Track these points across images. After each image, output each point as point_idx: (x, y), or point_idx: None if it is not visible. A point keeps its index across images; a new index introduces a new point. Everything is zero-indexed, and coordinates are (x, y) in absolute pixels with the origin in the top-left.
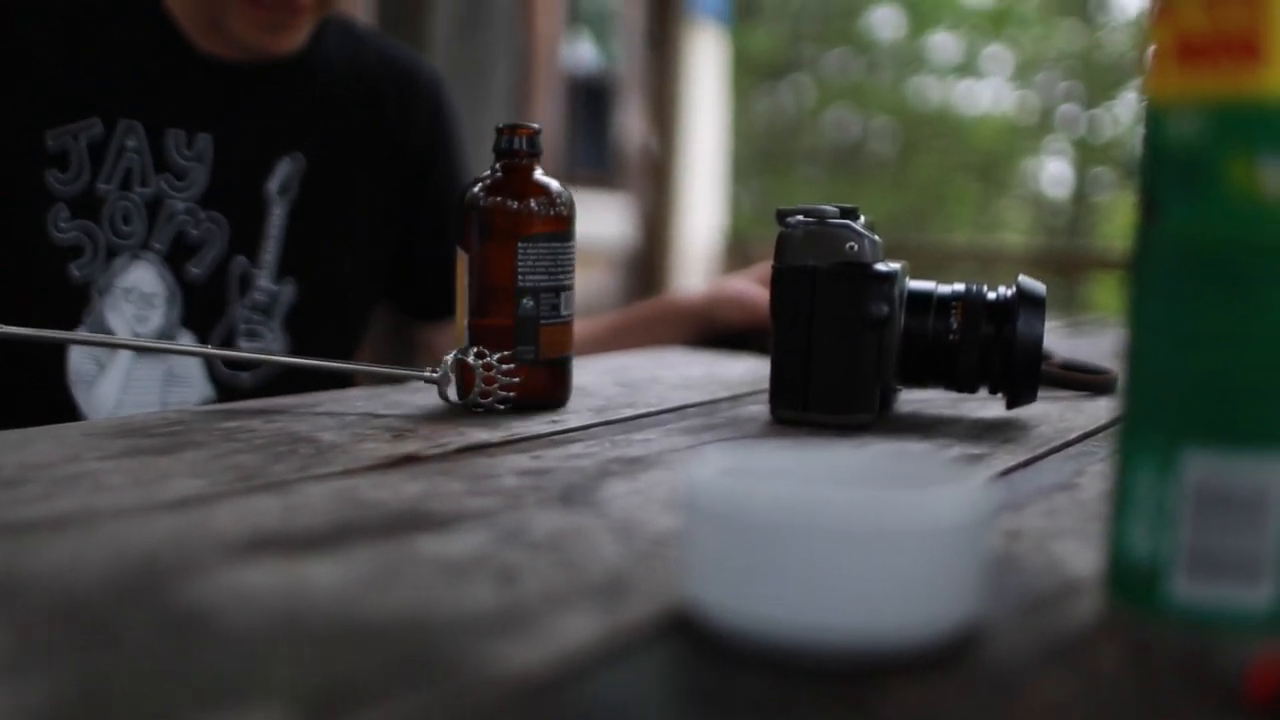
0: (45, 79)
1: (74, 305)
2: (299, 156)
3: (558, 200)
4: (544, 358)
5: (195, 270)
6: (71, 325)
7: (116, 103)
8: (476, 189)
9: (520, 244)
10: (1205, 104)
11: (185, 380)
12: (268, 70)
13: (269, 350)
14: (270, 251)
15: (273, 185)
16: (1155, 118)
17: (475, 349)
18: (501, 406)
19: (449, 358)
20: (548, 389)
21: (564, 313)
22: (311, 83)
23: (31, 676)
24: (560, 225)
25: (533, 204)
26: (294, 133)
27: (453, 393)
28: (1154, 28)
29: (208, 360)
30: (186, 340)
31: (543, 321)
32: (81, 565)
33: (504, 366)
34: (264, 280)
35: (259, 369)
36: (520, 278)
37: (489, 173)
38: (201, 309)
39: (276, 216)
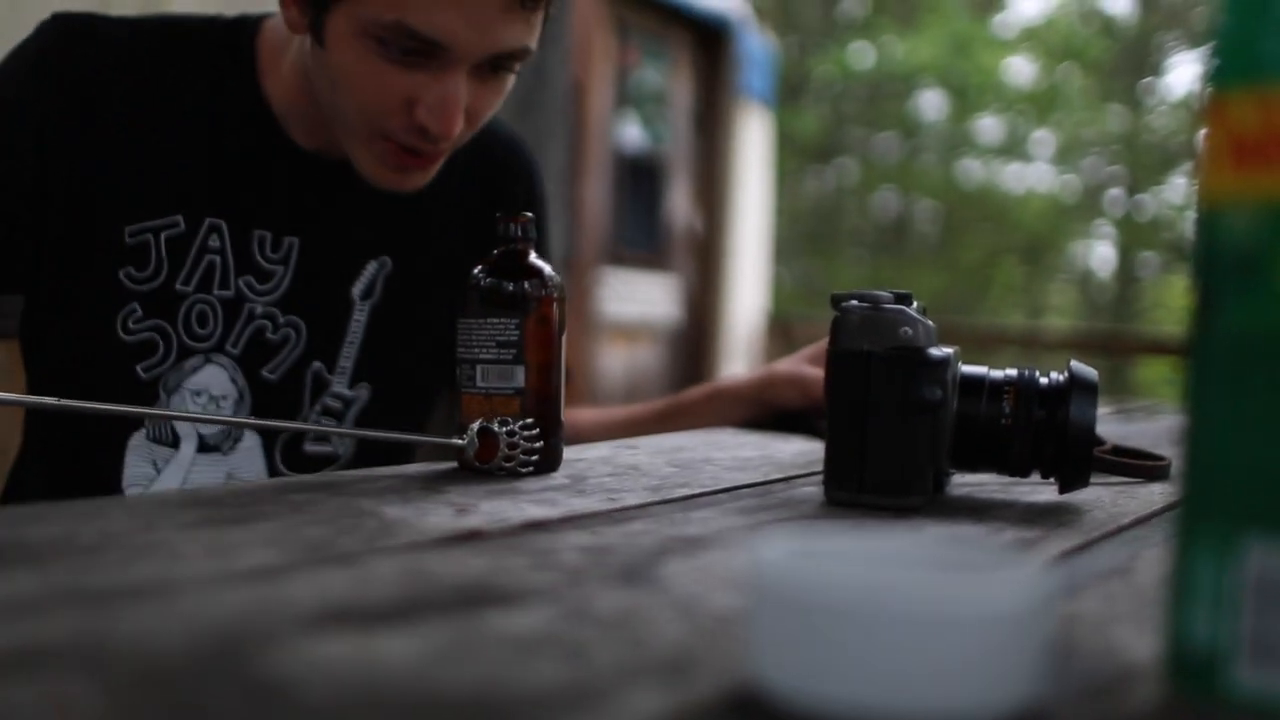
0: (128, 171)
1: (138, 403)
2: (385, 260)
3: (478, 281)
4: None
5: (269, 375)
6: (135, 423)
7: (203, 201)
8: (476, 270)
9: (460, 320)
10: (1259, 203)
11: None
12: None
13: (328, 443)
14: (348, 357)
15: (357, 290)
16: (1209, 215)
17: (499, 417)
18: (524, 470)
19: (474, 425)
20: (479, 454)
21: (480, 384)
22: None
23: None
24: (486, 306)
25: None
26: (383, 236)
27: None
28: (1207, 127)
29: (270, 460)
30: (251, 442)
31: (462, 390)
32: (163, 633)
33: (525, 434)
34: (339, 386)
35: (323, 469)
36: (457, 351)
37: (490, 256)
38: (271, 412)
39: (357, 322)
